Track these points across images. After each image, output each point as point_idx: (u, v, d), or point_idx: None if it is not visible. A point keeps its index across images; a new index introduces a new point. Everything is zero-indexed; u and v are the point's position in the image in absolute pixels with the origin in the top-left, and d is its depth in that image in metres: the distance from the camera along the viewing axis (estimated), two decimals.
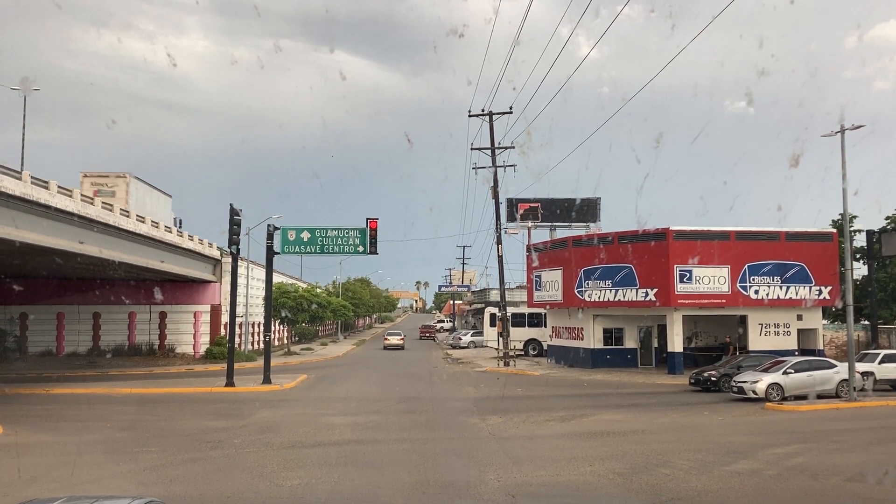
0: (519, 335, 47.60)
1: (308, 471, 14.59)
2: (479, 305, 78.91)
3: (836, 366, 26.31)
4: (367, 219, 32.21)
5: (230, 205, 27.19)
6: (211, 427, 20.97)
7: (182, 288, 43.77)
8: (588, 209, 60.86)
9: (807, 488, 13.32)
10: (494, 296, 63.66)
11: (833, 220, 45.67)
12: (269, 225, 31.50)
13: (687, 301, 34.28)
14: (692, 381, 29.41)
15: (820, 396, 25.37)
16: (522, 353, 48.01)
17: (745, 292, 34.56)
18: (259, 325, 53.59)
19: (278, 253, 31.87)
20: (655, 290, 34.60)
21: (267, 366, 31.23)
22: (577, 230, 52.32)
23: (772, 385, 25.08)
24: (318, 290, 56.20)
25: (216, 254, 45.99)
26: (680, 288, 34.13)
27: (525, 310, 49.62)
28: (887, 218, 46.04)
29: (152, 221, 35.07)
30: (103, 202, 29.90)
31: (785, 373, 25.40)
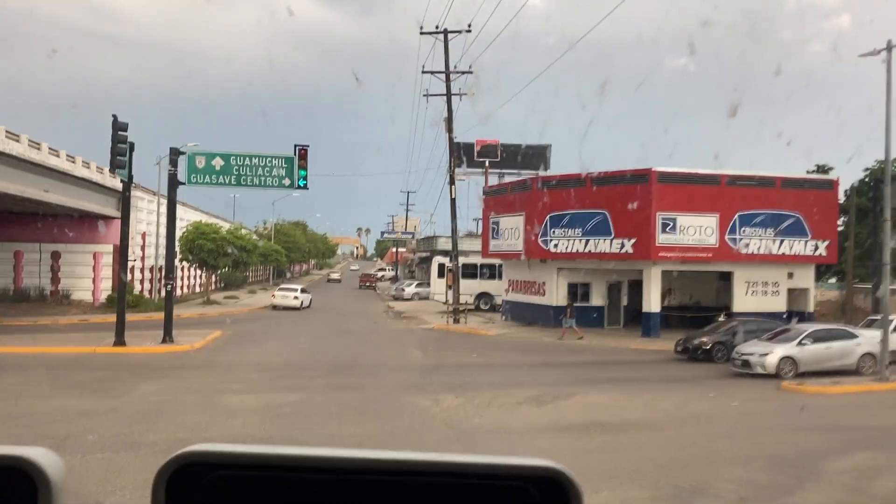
0: (469, 288, 42.58)
1: None
2: (424, 254, 73.72)
3: (856, 336, 22.04)
4: (297, 146, 26.39)
5: (113, 116, 21.03)
6: (68, 409, 15.40)
7: (79, 224, 37.21)
8: (537, 156, 56.50)
9: None
10: (443, 244, 58.51)
11: (817, 166, 41.71)
12: (171, 148, 25.42)
13: (669, 254, 29.72)
14: (679, 348, 24.94)
15: (835, 373, 21.14)
16: (473, 307, 43.07)
17: (733, 245, 30.16)
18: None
19: (183, 183, 25.90)
20: (633, 240, 29.87)
21: (168, 321, 25.47)
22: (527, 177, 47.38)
23: (784, 359, 20.69)
24: (244, 232, 50.08)
25: (120, 185, 39.37)
26: (662, 239, 29.50)
27: (477, 260, 44.62)
28: (866, 170, 42.31)
29: (30, 140, 28.51)
30: None
31: (800, 344, 21.03)
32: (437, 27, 35.78)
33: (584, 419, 15.46)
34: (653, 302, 30.44)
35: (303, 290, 45.99)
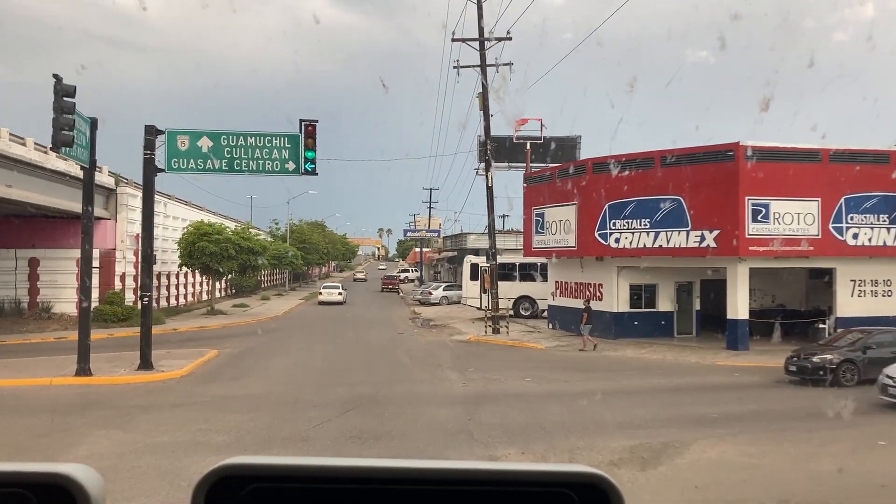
0: (507, 290, 37.09)
1: None
2: (450, 254, 68.50)
3: None
4: (302, 121, 21.36)
5: (54, 76, 15.98)
6: None
7: (61, 226, 32.48)
8: (566, 149, 51.62)
9: None
10: (472, 242, 53.40)
11: None
12: (147, 126, 20.43)
13: (761, 248, 24.23)
14: (792, 368, 19.48)
15: None
16: (511, 313, 37.65)
17: (839, 236, 24.64)
18: (172, 275, 42.52)
19: (162, 170, 20.98)
20: (716, 232, 24.44)
21: (146, 342, 20.55)
22: (579, 161, 41.91)
23: None
24: (253, 232, 45.10)
25: (109, 181, 34.67)
26: (752, 229, 24.04)
27: (517, 259, 39.31)
28: None
29: None
30: None
31: None
32: (454, 38, 30.70)
33: (725, 497, 10.21)
34: (739, 307, 24.98)
35: (343, 288, 54.68)
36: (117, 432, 13.92)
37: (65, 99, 15.90)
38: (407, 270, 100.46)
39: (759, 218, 23.99)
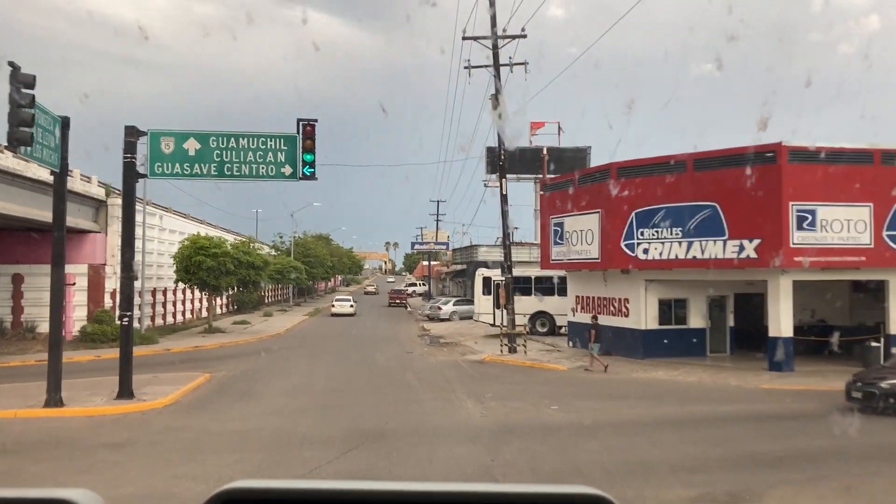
0: (523, 306, 34.80)
1: None
2: (459, 267, 66.26)
3: None
4: (300, 120, 19.27)
5: (10, 64, 13.94)
6: None
7: (47, 240, 30.30)
8: (576, 160, 49.85)
9: None
10: (483, 254, 51.19)
11: None
12: (127, 127, 18.36)
13: (808, 259, 21.92)
14: (856, 393, 17.13)
15: None
16: (528, 329, 35.29)
17: (894, 245, 22.33)
18: (169, 291, 40.42)
19: (144, 175, 18.93)
20: (757, 241, 22.16)
21: (126, 369, 18.34)
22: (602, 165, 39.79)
23: None
24: (256, 246, 42.97)
25: (99, 192, 32.66)
26: (797, 238, 21.77)
27: (532, 272, 37.04)
28: None
29: None
30: None
31: None
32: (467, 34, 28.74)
33: None
34: (783, 323, 22.68)
35: (354, 300, 57.21)
36: (76, 480, 11.75)
37: (23, 90, 13.83)
38: (415, 284, 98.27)
39: (804, 225, 21.72)
